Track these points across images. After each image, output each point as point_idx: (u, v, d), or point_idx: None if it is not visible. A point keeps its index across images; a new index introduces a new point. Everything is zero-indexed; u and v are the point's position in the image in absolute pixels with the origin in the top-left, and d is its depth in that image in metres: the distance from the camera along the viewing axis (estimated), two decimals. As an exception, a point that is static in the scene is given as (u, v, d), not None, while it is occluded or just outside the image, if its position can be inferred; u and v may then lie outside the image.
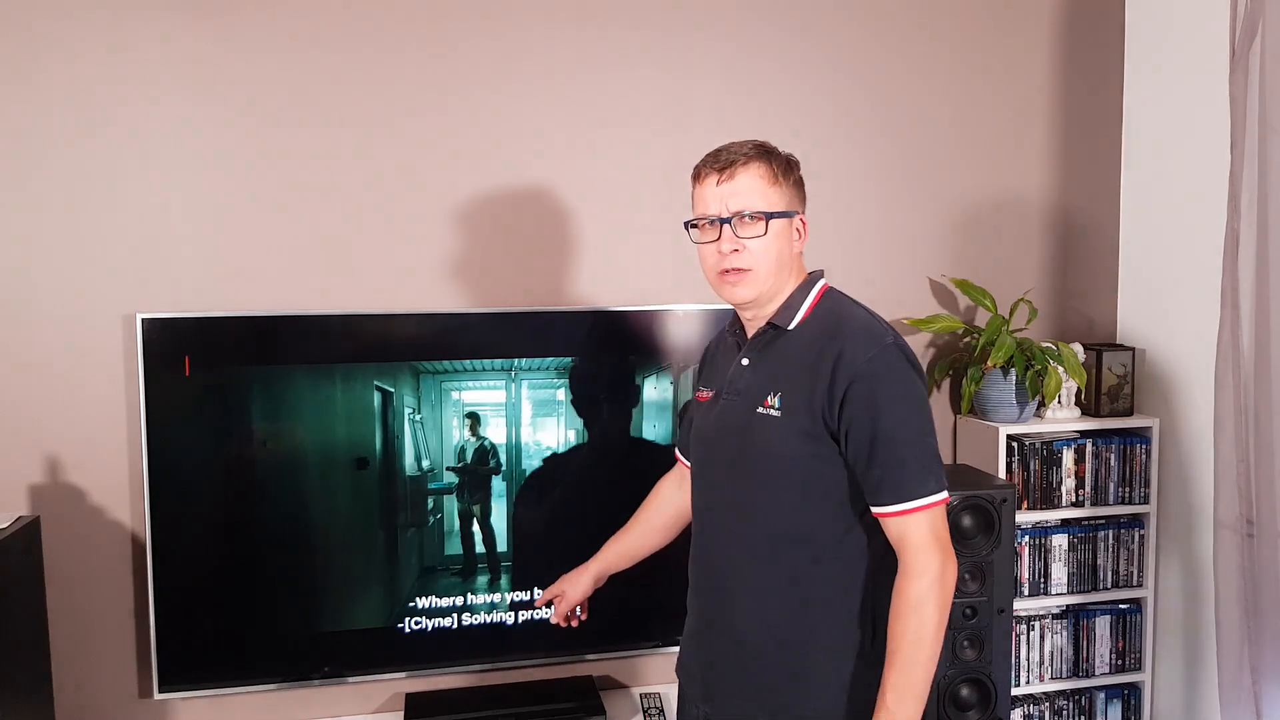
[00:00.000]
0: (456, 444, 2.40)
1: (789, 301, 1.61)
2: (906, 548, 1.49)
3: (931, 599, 1.47)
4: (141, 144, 2.31)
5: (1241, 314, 2.28)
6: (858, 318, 1.59)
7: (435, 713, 2.38)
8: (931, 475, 1.50)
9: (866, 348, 1.51)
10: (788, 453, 1.54)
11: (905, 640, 1.47)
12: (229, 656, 2.31)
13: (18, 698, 1.99)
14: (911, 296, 2.75)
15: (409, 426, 2.36)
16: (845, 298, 1.64)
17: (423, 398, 2.36)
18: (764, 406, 1.56)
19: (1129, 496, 2.68)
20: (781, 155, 1.62)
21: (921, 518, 1.49)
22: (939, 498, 1.50)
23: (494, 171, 2.48)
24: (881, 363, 1.50)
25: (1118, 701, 2.73)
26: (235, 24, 2.33)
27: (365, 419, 2.34)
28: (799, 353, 1.57)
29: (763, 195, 1.57)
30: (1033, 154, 2.80)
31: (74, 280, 2.29)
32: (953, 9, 2.72)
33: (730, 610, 1.63)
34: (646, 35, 2.54)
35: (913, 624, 1.47)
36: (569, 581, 1.95)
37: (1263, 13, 2.19)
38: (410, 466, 2.38)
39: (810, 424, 1.52)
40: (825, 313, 1.60)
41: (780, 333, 1.60)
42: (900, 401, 1.51)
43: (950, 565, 1.50)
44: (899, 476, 1.49)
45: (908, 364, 1.54)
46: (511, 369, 2.42)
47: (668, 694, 2.55)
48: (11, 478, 2.29)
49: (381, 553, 2.39)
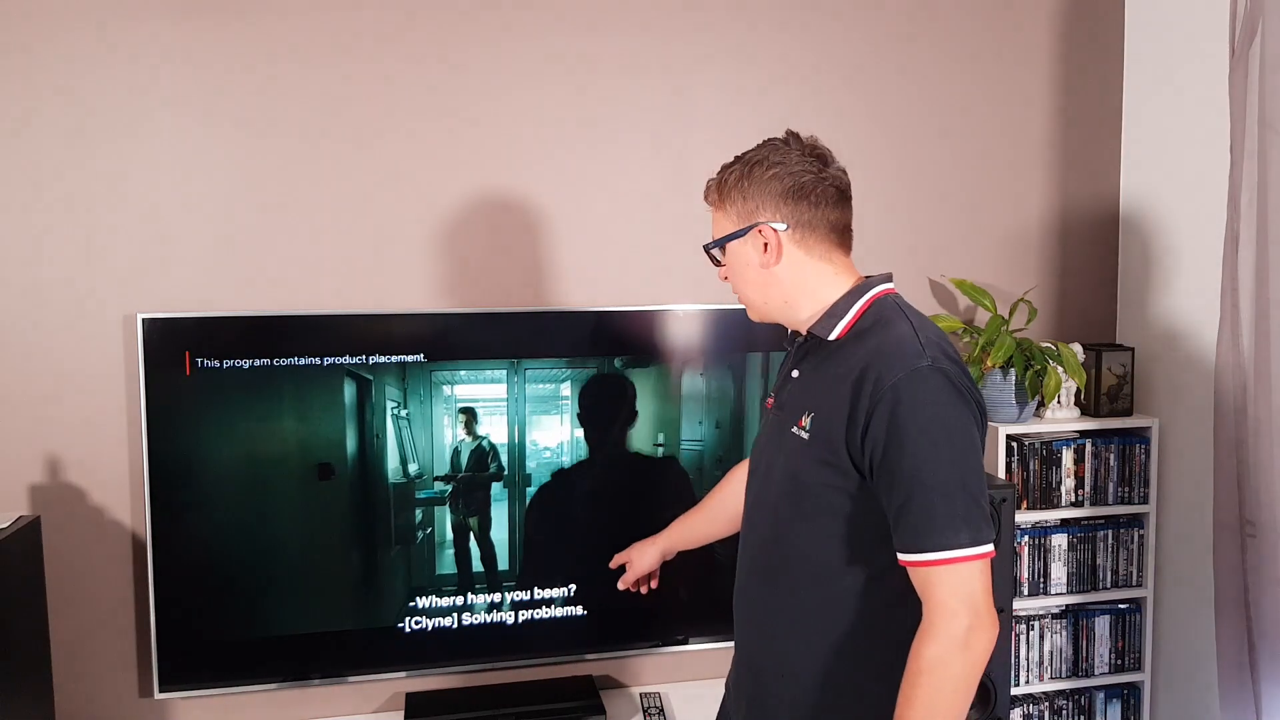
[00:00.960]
0: (450, 445, 2.35)
1: (833, 309, 1.45)
2: (928, 603, 1.30)
3: (951, 665, 1.26)
4: (142, 144, 2.31)
5: (1241, 314, 2.28)
6: (898, 332, 1.38)
7: (435, 713, 2.38)
8: (963, 523, 1.28)
9: (895, 368, 1.32)
10: (811, 479, 1.40)
11: (913, 708, 1.28)
12: (229, 656, 2.32)
13: (18, 698, 1.99)
14: (911, 296, 2.70)
15: (392, 424, 2.29)
16: (899, 308, 1.45)
17: (410, 391, 2.25)
18: (798, 427, 1.42)
19: (1128, 496, 2.68)
20: (729, 167, 1.49)
21: (947, 572, 1.28)
22: (973, 552, 1.28)
23: (494, 171, 2.48)
24: (909, 387, 1.30)
25: (1117, 701, 2.73)
26: (236, 27, 2.33)
27: (333, 416, 2.24)
28: (836, 370, 1.40)
29: (716, 223, 1.50)
30: (1032, 153, 2.80)
31: (74, 280, 2.30)
32: (952, 8, 2.72)
33: (748, 628, 1.56)
34: (646, 37, 2.53)
35: (923, 691, 1.27)
36: (638, 550, 1.91)
37: (1262, 12, 2.19)
38: (394, 472, 2.34)
39: (831, 454, 1.37)
40: (870, 325, 1.42)
41: (822, 344, 1.45)
42: (927, 434, 1.29)
43: (981, 631, 1.27)
44: (921, 521, 1.29)
45: (948, 390, 1.32)
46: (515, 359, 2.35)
47: (668, 694, 2.55)
48: (11, 478, 2.29)
49: (358, 573, 2.34)
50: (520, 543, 2.43)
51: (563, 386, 2.42)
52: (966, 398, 1.35)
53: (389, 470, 2.33)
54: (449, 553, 2.39)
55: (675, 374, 2.48)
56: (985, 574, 1.30)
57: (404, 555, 2.36)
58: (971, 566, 1.28)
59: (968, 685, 1.28)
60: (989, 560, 1.30)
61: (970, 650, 1.27)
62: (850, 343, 1.42)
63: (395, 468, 2.33)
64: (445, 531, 2.38)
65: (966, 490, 1.30)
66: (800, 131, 1.51)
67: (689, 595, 2.49)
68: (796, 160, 1.46)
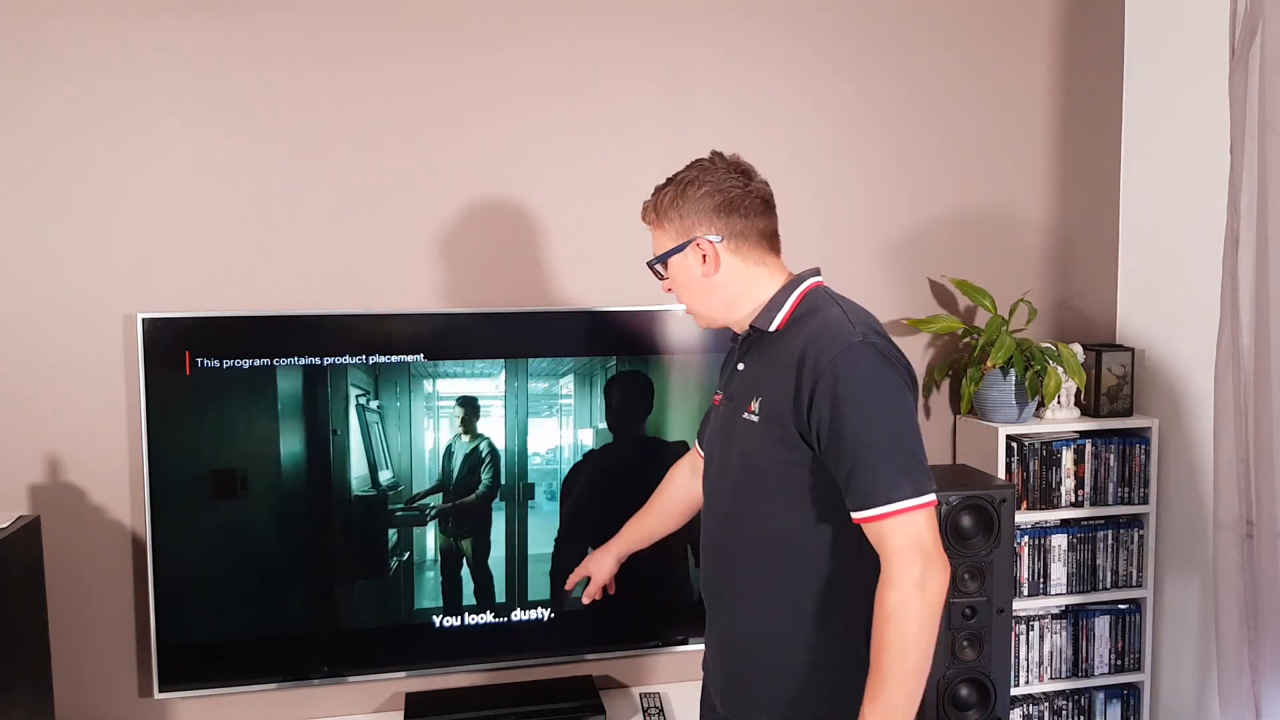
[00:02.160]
0: (435, 449, 2.24)
1: (771, 303, 1.59)
2: (884, 554, 1.43)
3: (911, 608, 1.39)
4: (142, 144, 2.31)
5: (1241, 314, 2.28)
6: (830, 316, 1.52)
7: (435, 712, 2.38)
8: (906, 478, 1.42)
9: (829, 347, 1.46)
10: (766, 458, 1.53)
11: (885, 653, 1.40)
12: (229, 656, 2.32)
13: (18, 698, 1.99)
14: (911, 297, 2.75)
15: (357, 419, 2.16)
16: (828, 296, 1.58)
17: (382, 383, 2.09)
18: (748, 412, 1.55)
19: (1128, 497, 2.68)
20: (663, 189, 1.62)
21: (897, 523, 1.42)
22: (917, 502, 1.42)
23: (494, 172, 2.48)
24: (844, 362, 1.44)
25: (1117, 702, 2.73)
26: (237, 28, 2.33)
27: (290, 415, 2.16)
28: (778, 356, 1.54)
29: (655, 241, 1.63)
30: (1033, 154, 2.80)
31: (75, 280, 2.30)
32: (952, 9, 2.72)
33: (720, 607, 1.66)
34: (646, 38, 2.53)
35: (891, 634, 1.40)
36: (595, 561, 2.02)
37: (1262, 13, 2.19)
38: (358, 483, 2.28)
39: (782, 431, 1.50)
40: (804, 313, 1.56)
41: (764, 335, 1.59)
42: (865, 402, 1.44)
43: (934, 572, 1.41)
44: (868, 480, 1.42)
45: (879, 362, 1.46)
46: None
47: (668, 694, 2.55)
48: (11, 477, 2.29)
49: (301, 607, 2.29)
50: (519, 564, 2.40)
51: (562, 382, 2.40)
52: (897, 366, 1.49)
53: (353, 480, 2.29)
54: (430, 576, 2.31)
55: (672, 369, 2.48)
56: (931, 521, 1.44)
57: (374, 587, 2.30)
58: (917, 515, 1.42)
59: (930, 623, 1.41)
60: (933, 509, 1.44)
61: (926, 591, 1.40)
62: (789, 331, 1.55)
63: (362, 476, 2.27)
64: (426, 550, 2.27)
65: (905, 448, 1.44)
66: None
67: (689, 596, 2.49)
68: (724, 177, 1.60)
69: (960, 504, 2.30)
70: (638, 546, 2.03)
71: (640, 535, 2.02)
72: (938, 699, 2.32)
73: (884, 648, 1.40)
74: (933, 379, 2.75)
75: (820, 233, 2.64)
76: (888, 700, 1.39)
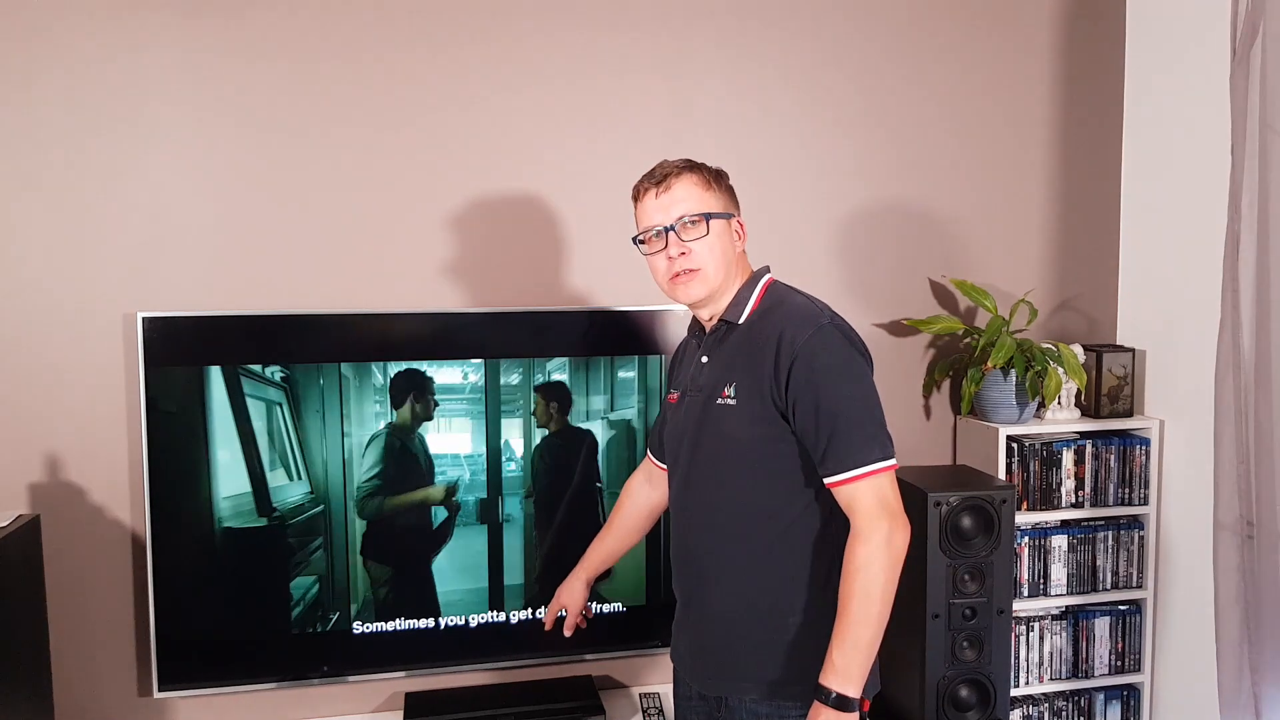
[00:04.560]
0: (369, 444, 2.26)
1: (737, 297, 1.72)
2: (855, 514, 1.58)
3: (878, 560, 1.55)
4: (142, 143, 2.31)
5: (1241, 314, 2.28)
6: (797, 303, 1.69)
7: (435, 712, 2.38)
8: (875, 444, 1.58)
9: (804, 329, 1.61)
10: (746, 437, 1.65)
11: (853, 600, 1.55)
12: (229, 656, 2.31)
13: (18, 697, 1.99)
14: (911, 297, 2.75)
15: (268, 418, 2.19)
16: (788, 289, 1.75)
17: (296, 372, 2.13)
18: (722, 398, 1.67)
19: (1129, 498, 2.68)
20: (710, 166, 1.75)
21: (867, 485, 1.57)
22: (883, 465, 1.58)
23: (494, 172, 2.48)
24: (818, 341, 1.60)
25: (1117, 702, 2.73)
26: (237, 26, 2.33)
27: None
28: (748, 344, 1.67)
29: (699, 200, 1.70)
30: (1033, 154, 2.80)
31: (75, 279, 2.30)
32: (953, 9, 2.72)
33: (705, 588, 1.74)
34: (646, 38, 2.54)
35: (859, 583, 1.55)
36: (566, 592, 2.07)
37: (1263, 13, 2.19)
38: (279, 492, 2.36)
39: (762, 408, 1.63)
40: (770, 304, 1.71)
41: (732, 327, 1.72)
42: (839, 376, 1.60)
43: (898, 529, 1.58)
44: (842, 446, 1.57)
45: (845, 342, 1.63)
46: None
47: (667, 694, 2.55)
48: (11, 477, 2.29)
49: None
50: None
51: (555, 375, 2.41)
52: (859, 346, 1.67)
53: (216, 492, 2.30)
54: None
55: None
56: (894, 482, 1.61)
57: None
58: (883, 477, 1.59)
59: (893, 574, 1.57)
60: (894, 472, 1.61)
61: (892, 546, 1.57)
62: (758, 321, 1.69)
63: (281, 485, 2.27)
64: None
65: (873, 417, 1.61)
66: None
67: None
68: None
69: (960, 504, 2.29)
70: (603, 567, 2.10)
71: (604, 555, 2.08)
72: (938, 699, 2.32)
73: (852, 595, 1.55)
74: (933, 379, 2.75)
75: (820, 232, 2.64)
76: (854, 641, 1.55)
